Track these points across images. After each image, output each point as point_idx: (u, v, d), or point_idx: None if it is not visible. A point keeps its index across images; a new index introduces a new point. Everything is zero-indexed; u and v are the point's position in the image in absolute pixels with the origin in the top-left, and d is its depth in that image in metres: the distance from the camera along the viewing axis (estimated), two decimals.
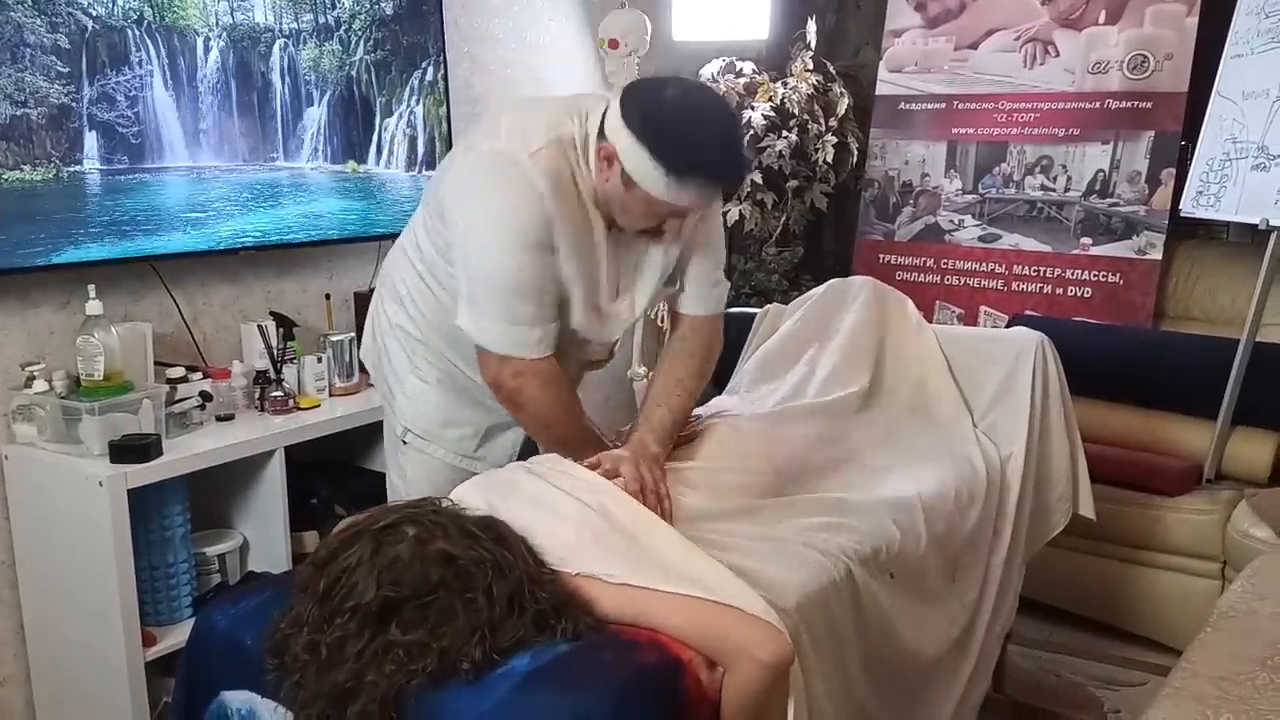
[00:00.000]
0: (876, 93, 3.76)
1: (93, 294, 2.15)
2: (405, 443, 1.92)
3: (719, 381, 2.46)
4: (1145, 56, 3.31)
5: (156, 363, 2.37)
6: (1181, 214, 3.07)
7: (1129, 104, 3.34)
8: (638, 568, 1.41)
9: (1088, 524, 2.39)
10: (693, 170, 1.58)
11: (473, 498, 1.51)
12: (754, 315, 2.58)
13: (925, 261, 3.67)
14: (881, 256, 3.74)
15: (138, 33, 2.31)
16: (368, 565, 1.29)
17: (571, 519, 1.48)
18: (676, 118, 1.60)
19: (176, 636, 2.15)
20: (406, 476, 1.95)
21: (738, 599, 1.39)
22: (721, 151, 1.63)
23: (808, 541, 1.66)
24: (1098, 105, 3.39)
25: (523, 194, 1.63)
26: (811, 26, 3.67)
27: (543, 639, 1.30)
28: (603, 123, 1.65)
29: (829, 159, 3.62)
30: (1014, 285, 3.51)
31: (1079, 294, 3.40)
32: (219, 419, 2.41)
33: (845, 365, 2.17)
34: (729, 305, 1.99)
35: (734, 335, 2.57)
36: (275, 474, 2.35)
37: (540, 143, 1.65)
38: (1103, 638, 2.87)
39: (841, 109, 3.65)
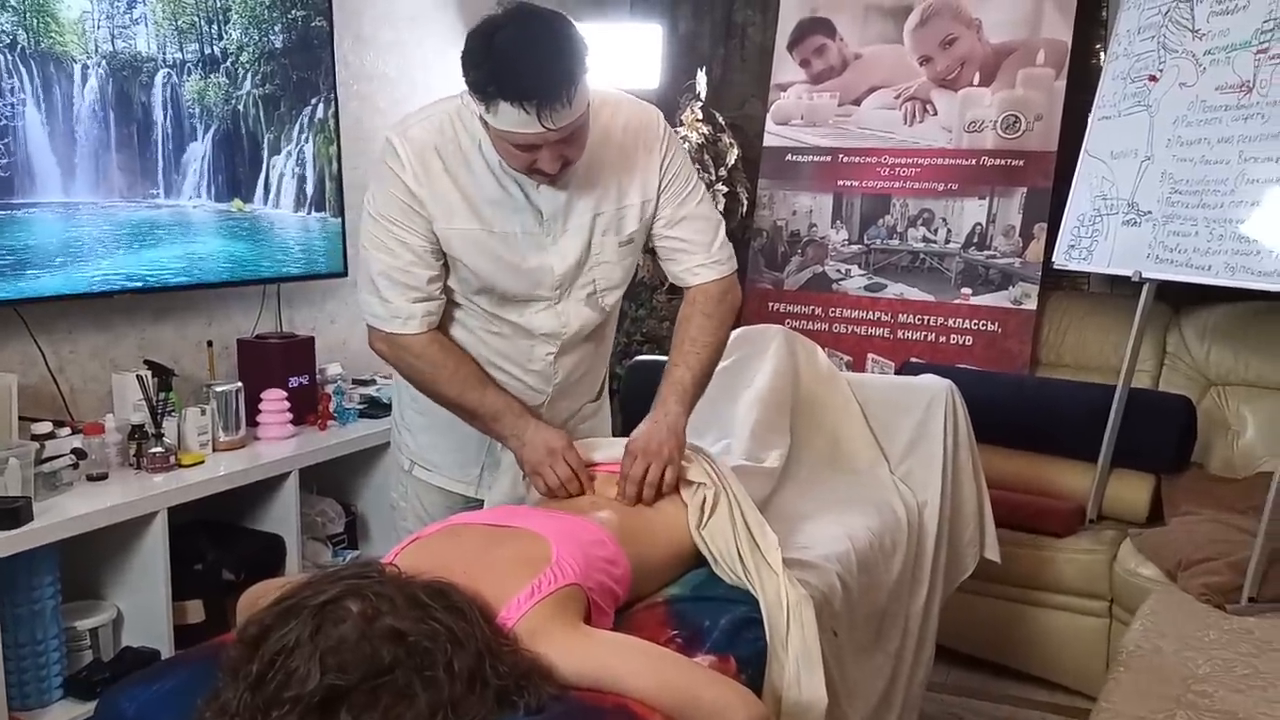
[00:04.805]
0: (764, 144, 3.83)
1: None
2: (411, 473, 1.95)
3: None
4: (1017, 117, 3.49)
5: (20, 417, 2.16)
6: (1054, 266, 3.22)
7: (1003, 161, 3.51)
8: None
9: (980, 566, 2.43)
10: (494, 95, 1.49)
11: None
12: (664, 363, 2.54)
13: (814, 310, 3.73)
14: (771, 305, 3.79)
15: (9, 58, 2.12)
16: (308, 647, 1.14)
17: None
18: (482, 48, 1.50)
19: None
20: (408, 495, 1.97)
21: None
22: (522, 69, 1.49)
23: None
24: (974, 162, 3.55)
25: (386, 183, 1.66)
26: (701, 77, 3.72)
27: (503, 714, 1.21)
28: None
29: (719, 208, 3.65)
30: (900, 333, 3.60)
31: (960, 342, 3.52)
32: (90, 478, 2.20)
33: (767, 420, 2.15)
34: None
35: (643, 383, 2.52)
36: (156, 538, 2.16)
37: (416, 119, 1.67)
38: (998, 678, 2.93)
39: (731, 159, 3.70)
